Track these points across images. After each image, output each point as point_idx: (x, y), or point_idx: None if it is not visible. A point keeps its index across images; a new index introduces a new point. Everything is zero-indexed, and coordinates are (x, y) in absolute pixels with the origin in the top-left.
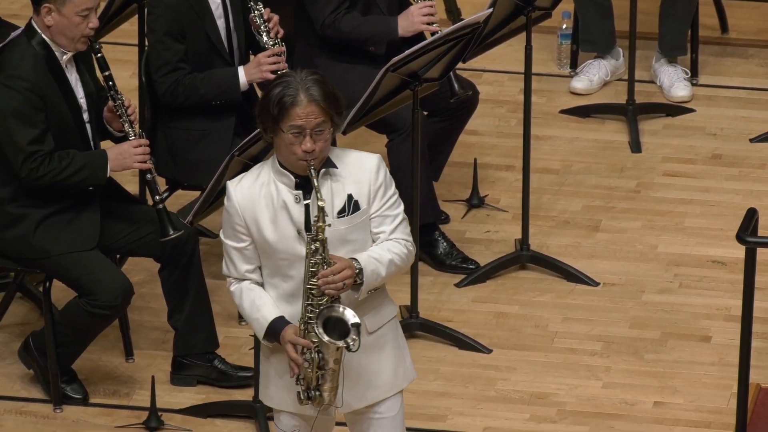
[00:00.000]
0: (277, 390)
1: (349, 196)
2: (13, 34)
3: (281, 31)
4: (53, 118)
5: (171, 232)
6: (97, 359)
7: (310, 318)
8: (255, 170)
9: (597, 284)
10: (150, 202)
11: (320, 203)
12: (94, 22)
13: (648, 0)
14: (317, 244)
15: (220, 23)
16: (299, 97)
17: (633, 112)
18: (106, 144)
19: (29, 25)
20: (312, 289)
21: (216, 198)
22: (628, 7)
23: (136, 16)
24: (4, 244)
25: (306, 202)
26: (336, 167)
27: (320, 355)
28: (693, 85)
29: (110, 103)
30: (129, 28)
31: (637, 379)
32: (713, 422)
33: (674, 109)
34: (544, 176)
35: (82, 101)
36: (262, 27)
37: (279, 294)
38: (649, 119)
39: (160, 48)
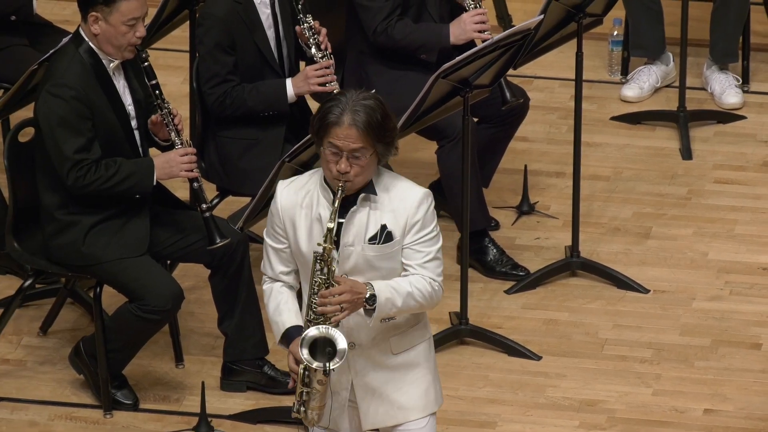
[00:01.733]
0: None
1: (383, 226)
2: (63, 42)
3: (329, 45)
4: (101, 126)
5: (218, 240)
6: (148, 365)
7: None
8: (308, 175)
9: (647, 291)
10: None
11: (329, 225)
12: (141, 32)
13: (699, 6)
14: (321, 264)
15: (270, 34)
16: (342, 118)
17: (684, 119)
18: (153, 152)
19: (77, 33)
20: (312, 306)
21: (266, 204)
22: (679, 13)
23: (188, 22)
24: (54, 251)
25: (341, 220)
26: (375, 194)
27: (305, 372)
28: (744, 92)
29: (154, 116)
30: (180, 35)
31: (687, 386)
32: (763, 430)
33: (725, 116)
34: (594, 183)
35: (130, 108)
36: (311, 39)
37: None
38: (700, 126)
39: (209, 60)
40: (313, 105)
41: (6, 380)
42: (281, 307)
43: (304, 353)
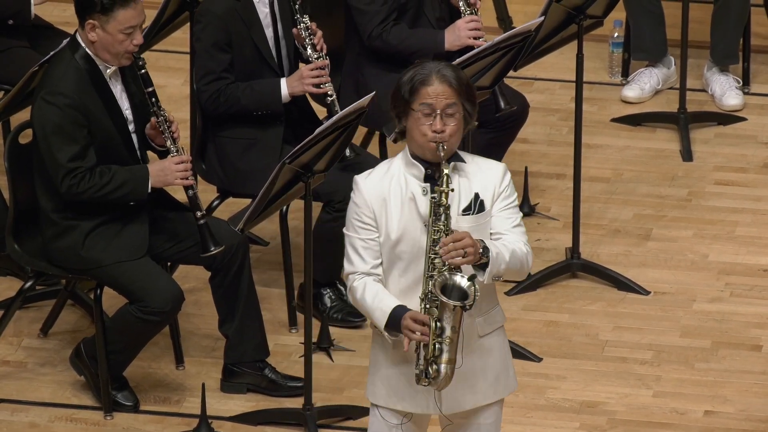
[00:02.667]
0: (383, 386)
1: (476, 195)
2: (60, 47)
3: (325, 46)
4: (97, 132)
5: (212, 248)
6: (148, 366)
7: (431, 291)
8: (384, 164)
9: (648, 293)
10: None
11: (445, 170)
12: (138, 39)
13: (700, 8)
14: (440, 210)
15: (269, 32)
16: (432, 77)
17: (684, 120)
18: (151, 156)
19: (73, 39)
20: (434, 258)
21: (267, 206)
22: (679, 15)
23: (188, 24)
24: (53, 254)
25: (433, 194)
26: (464, 161)
27: (438, 323)
28: (745, 93)
29: (153, 119)
30: (181, 36)
31: (688, 388)
32: (764, 431)
33: (726, 118)
34: (594, 185)
35: (128, 112)
36: (306, 40)
37: (396, 290)
38: (701, 128)
39: (205, 57)
40: (315, 107)
41: (6, 382)
42: (380, 295)
43: (440, 295)
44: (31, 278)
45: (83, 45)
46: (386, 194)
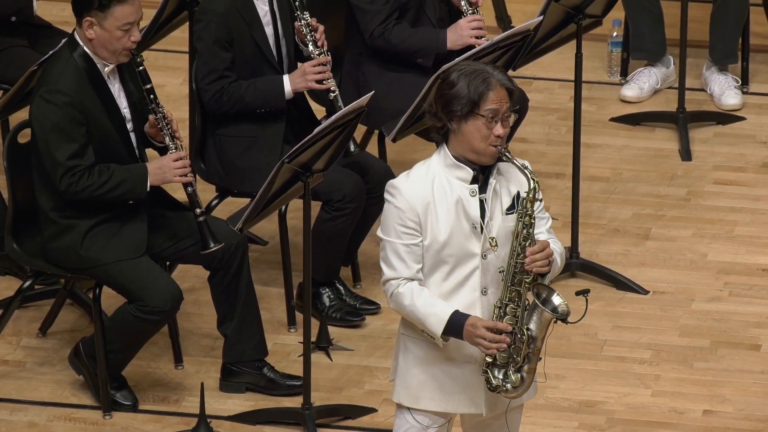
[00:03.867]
0: (422, 389)
1: (517, 194)
2: (59, 46)
3: (326, 42)
4: (96, 131)
5: (211, 245)
6: (147, 366)
7: (510, 300)
8: (423, 166)
9: (647, 292)
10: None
11: (534, 179)
12: (135, 36)
13: (699, 8)
14: (526, 220)
15: (269, 30)
16: (493, 82)
17: (683, 120)
18: (150, 153)
19: (71, 37)
20: (517, 267)
21: (266, 205)
22: (678, 15)
23: (187, 23)
24: (52, 254)
25: (482, 196)
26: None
27: (530, 332)
28: (743, 93)
29: (151, 117)
30: (180, 36)
31: (687, 387)
32: (763, 431)
33: (725, 118)
34: (593, 184)
35: (126, 111)
36: (308, 36)
37: (437, 294)
38: (700, 127)
39: (207, 56)
40: (314, 106)
41: (5, 381)
42: (431, 300)
43: (542, 306)
44: (29, 277)
45: (81, 43)
46: (430, 198)
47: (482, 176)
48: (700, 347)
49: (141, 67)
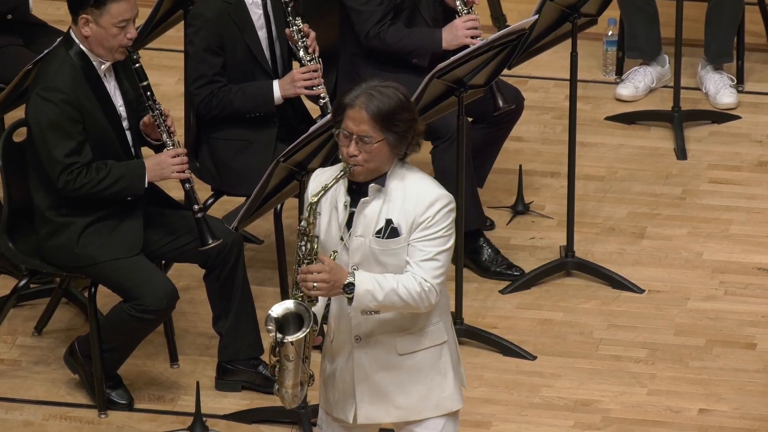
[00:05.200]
0: (322, 391)
1: (388, 221)
2: (55, 44)
3: (318, 48)
4: (92, 129)
5: (210, 241)
6: (142, 365)
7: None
8: (340, 165)
9: (642, 291)
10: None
11: (312, 199)
12: (131, 33)
13: (694, 7)
14: (303, 239)
15: (262, 34)
16: (356, 101)
17: (679, 119)
18: (146, 152)
19: (67, 35)
20: (297, 280)
21: (261, 204)
22: (674, 14)
23: (182, 22)
24: (48, 252)
25: (352, 209)
26: (383, 186)
27: (277, 350)
28: (739, 92)
29: (146, 117)
30: (175, 35)
31: (682, 386)
32: (758, 429)
33: (720, 116)
34: (589, 183)
35: (121, 109)
36: (299, 43)
37: None
38: (695, 126)
39: (197, 60)
40: (309, 105)
41: (0, 380)
42: None
43: (270, 327)
44: (25, 276)
45: (77, 41)
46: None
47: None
48: (696, 346)
49: (137, 65)
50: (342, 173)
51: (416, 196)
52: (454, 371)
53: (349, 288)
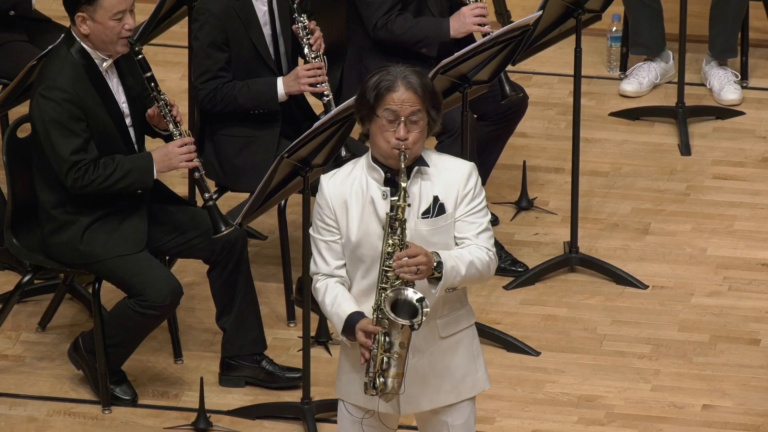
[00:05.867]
0: (349, 383)
1: (435, 198)
2: (57, 42)
3: (323, 45)
4: (94, 126)
5: (223, 228)
6: (146, 360)
7: (381, 306)
8: (349, 165)
9: (646, 287)
10: (200, 201)
11: (403, 184)
12: (129, 23)
13: (698, 3)
14: (396, 224)
15: (266, 30)
16: (397, 83)
17: (683, 114)
18: (150, 146)
19: (68, 34)
20: (387, 271)
21: (265, 200)
22: (678, 9)
23: (186, 18)
24: (52, 249)
25: (393, 198)
26: (428, 166)
27: (387, 338)
28: (743, 88)
29: (151, 109)
30: (179, 31)
31: (686, 382)
32: (762, 425)
33: (724, 112)
34: (593, 179)
35: (124, 106)
36: (304, 39)
37: (357, 290)
38: (699, 122)
39: (202, 56)
40: (313, 101)
41: (4, 376)
42: (339, 299)
43: (389, 312)
44: (29, 272)
45: (78, 39)
46: (347, 196)
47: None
48: (700, 342)
49: (140, 56)
50: (404, 157)
51: (451, 170)
52: (481, 352)
53: (439, 268)
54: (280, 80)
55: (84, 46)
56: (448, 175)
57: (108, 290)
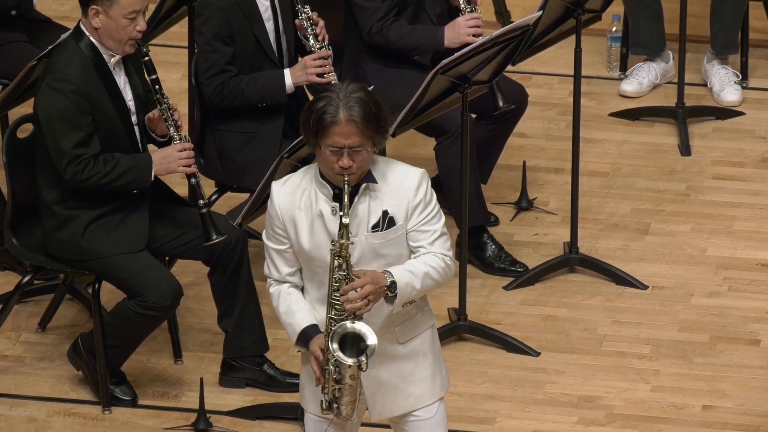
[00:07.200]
0: (310, 394)
1: (384, 212)
2: (63, 36)
3: (327, 36)
4: (101, 121)
5: (214, 237)
6: (146, 361)
7: (330, 338)
8: (301, 173)
9: (646, 287)
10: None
11: (345, 220)
12: (141, 25)
13: (698, 3)
14: (339, 260)
15: (269, 25)
16: (339, 116)
17: (683, 115)
18: (151, 148)
19: (78, 28)
20: (335, 303)
21: (265, 200)
22: (678, 10)
23: (186, 18)
24: (53, 245)
25: (341, 214)
26: (376, 182)
27: (337, 369)
28: (743, 88)
29: (152, 112)
30: (179, 31)
31: (686, 382)
32: (762, 425)
33: (724, 112)
34: (593, 179)
35: (131, 103)
36: (309, 30)
37: (313, 298)
38: (699, 122)
39: (207, 50)
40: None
41: (4, 376)
42: (293, 308)
43: (336, 350)
44: (29, 273)
45: (87, 33)
46: (295, 209)
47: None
48: (700, 342)
49: (147, 58)
50: (348, 186)
51: (400, 182)
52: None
53: (392, 287)
54: (287, 71)
55: (93, 40)
56: (398, 189)
57: (108, 291)
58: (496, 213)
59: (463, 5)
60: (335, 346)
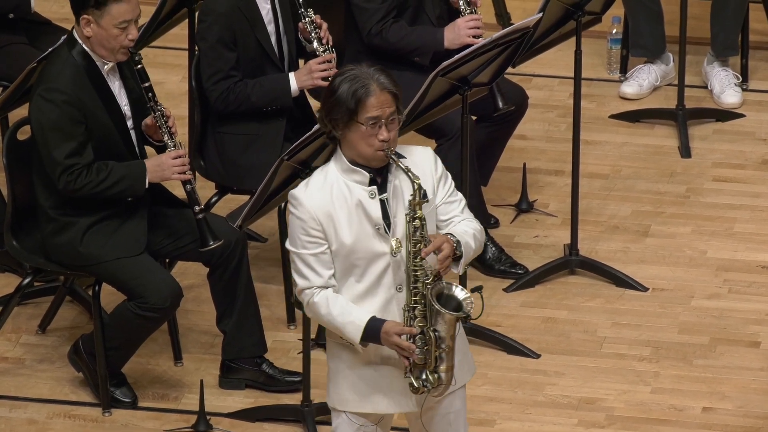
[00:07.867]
0: (351, 392)
1: (419, 185)
2: (59, 43)
3: (331, 38)
4: (95, 129)
5: (210, 243)
6: (146, 363)
7: (416, 303)
8: (319, 174)
9: (646, 289)
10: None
11: (417, 181)
12: (133, 34)
13: (698, 5)
14: (416, 223)
15: (270, 29)
16: (371, 87)
17: (683, 117)
18: (150, 151)
19: (71, 35)
20: (417, 270)
21: (265, 202)
22: (678, 12)
23: (186, 20)
24: (52, 251)
25: (381, 196)
26: (404, 157)
27: (437, 333)
28: (743, 90)
29: (147, 119)
30: (179, 33)
31: (686, 384)
32: (762, 428)
33: (724, 114)
34: (593, 181)
35: (126, 108)
36: (312, 34)
37: (351, 296)
38: (699, 124)
39: (211, 56)
40: (313, 102)
41: (5, 378)
42: (347, 308)
43: (440, 308)
44: (29, 274)
45: (80, 41)
46: (330, 204)
47: (380, 177)
48: (700, 344)
49: (139, 65)
50: (395, 156)
51: (419, 159)
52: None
53: (458, 247)
54: (292, 75)
55: (85, 48)
56: (420, 163)
57: (108, 293)
58: (496, 215)
59: (463, 7)
60: (438, 304)
